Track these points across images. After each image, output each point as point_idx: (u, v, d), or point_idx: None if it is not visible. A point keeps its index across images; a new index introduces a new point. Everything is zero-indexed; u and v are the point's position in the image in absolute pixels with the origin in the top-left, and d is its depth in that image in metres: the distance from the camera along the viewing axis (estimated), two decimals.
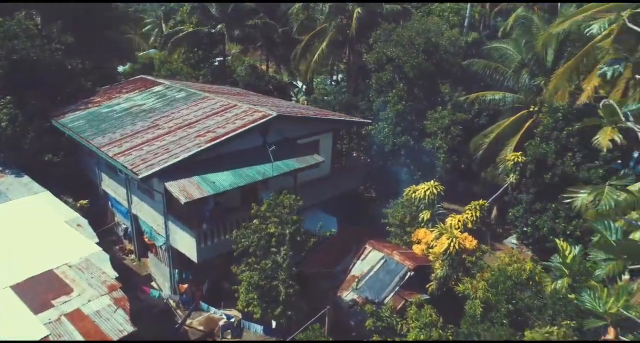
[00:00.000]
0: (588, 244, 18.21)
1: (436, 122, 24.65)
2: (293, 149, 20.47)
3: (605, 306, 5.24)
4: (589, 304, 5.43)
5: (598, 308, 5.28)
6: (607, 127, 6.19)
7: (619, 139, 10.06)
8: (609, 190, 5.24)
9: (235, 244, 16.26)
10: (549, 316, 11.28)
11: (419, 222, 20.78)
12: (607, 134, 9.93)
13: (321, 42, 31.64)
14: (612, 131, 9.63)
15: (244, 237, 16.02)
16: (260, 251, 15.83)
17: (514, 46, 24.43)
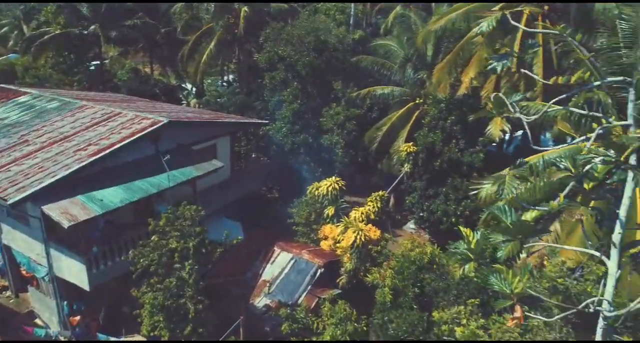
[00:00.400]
0: (476, 222, 19.94)
1: (332, 119, 25.12)
2: (189, 156, 19.39)
3: (511, 286, 5.54)
4: (497, 286, 5.73)
5: (505, 289, 5.58)
6: (497, 118, 6.67)
7: (507, 128, 11.09)
8: (510, 180, 5.61)
9: (134, 265, 14.93)
10: (453, 296, 12.08)
11: (324, 219, 21.01)
12: (497, 124, 10.83)
13: (209, 42, 30.46)
14: (502, 122, 10.51)
15: (142, 256, 14.77)
16: (163, 269, 14.72)
17: (397, 43, 25.79)
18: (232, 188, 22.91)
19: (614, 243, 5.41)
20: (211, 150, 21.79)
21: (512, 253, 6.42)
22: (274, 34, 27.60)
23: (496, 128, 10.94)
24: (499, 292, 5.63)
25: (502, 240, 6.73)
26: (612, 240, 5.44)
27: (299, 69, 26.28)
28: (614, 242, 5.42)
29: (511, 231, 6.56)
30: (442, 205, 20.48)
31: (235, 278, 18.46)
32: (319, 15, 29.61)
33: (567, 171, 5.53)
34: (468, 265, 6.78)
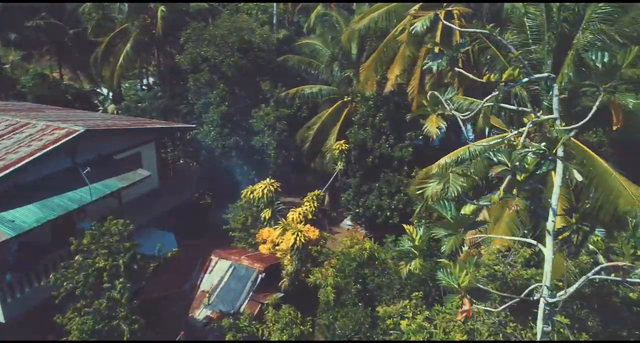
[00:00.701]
0: (410, 215, 20.63)
1: (262, 120, 24.74)
2: (112, 166, 18.12)
3: (458, 280, 5.68)
4: (445, 281, 5.85)
5: (453, 283, 5.71)
6: (432, 115, 6.83)
7: (444, 125, 11.46)
8: (454, 178, 5.74)
9: (56, 289, 13.65)
10: (396, 290, 12.35)
11: (261, 222, 20.65)
12: (433, 122, 11.14)
13: (125, 43, 28.72)
14: (437, 119, 10.80)
15: (65, 279, 13.54)
16: (90, 290, 13.61)
17: (321, 42, 25.96)
18: (161, 197, 21.81)
19: (549, 231, 5.73)
20: (136, 159, 20.57)
21: (454, 247, 6.61)
22: (195, 35, 26.62)
23: (432, 125, 11.31)
24: (440, 284, 5.77)
25: (444, 234, 6.92)
26: (547, 228, 5.76)
27: (225, 70, 25.59)
28: (548, 230, 5.74)
29: (452, 225, 6.76)
30: (376, 200, 20.94)
31: (172, 291, 17.60)
32: (241, 15, 29.03)
33: (502, 164, 5.76)
34: (414, 262, 6.88)
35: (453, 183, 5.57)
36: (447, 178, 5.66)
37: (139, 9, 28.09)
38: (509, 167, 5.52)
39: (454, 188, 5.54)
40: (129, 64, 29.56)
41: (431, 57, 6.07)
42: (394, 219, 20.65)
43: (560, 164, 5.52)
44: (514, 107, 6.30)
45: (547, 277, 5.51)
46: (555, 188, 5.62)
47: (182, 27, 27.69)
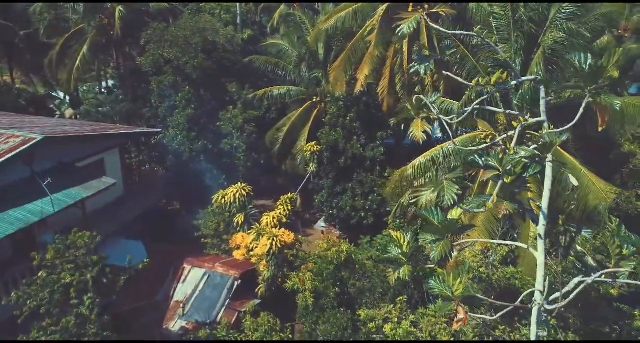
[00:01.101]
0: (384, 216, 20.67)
1: (230, 122, 24.21)
2: (74, 175, 17.24)
3: (452, 289, 5.60)
4: (438, 290, 5.75)
5: (447, 292, 5.62)
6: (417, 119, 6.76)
7: (429, 129, 11.38)
8: (448, 185, 5.62)
9: (19, 308, 12.82)
10: (379, 294, 12.29)
11: (234, 227, 20.19)
12: (418, 126, 11.02)
13: (81, 45, 27.43)
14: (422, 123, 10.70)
15: (29, 297, 12.75)
16: (57, 308, 12.86)
17: (288, 42, 25.67)
18: (128, 205, 21.01)
19: (540, 235, 5.73)
20: (99, 166, 19.69)
21: (444, 253, 6.55)
22: (157, 36, 25.77)
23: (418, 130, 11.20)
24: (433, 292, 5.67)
25: (432, 239, 6.84)
26: (538, 232, 5.75)
27: (189, 72, 24.90)
28: (539, 233, 5.74)
29: (440, 230, 6.68)
30: (350, 201, 20.87)
31: (144, 304, 16.93)
32: (204, 15, 28.29)
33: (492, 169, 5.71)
34: (402, 270, 6.76)
35: (448, 192, 5.45)
36: (442, 187, 5.52)
37: (95, 9, 26.89)
38: (500, 172, 5.46)
39: (450, 196, 5.42)
40: (86, 67, 28.29)
41: (418, 60, 5.94)
42: (368, 220, 20.66)
43: (549, 167, 5.51)
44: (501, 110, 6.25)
45: (540, 282, 5.50)
46: (545, 192, 5.62)
47: (142, 27, 26.73)
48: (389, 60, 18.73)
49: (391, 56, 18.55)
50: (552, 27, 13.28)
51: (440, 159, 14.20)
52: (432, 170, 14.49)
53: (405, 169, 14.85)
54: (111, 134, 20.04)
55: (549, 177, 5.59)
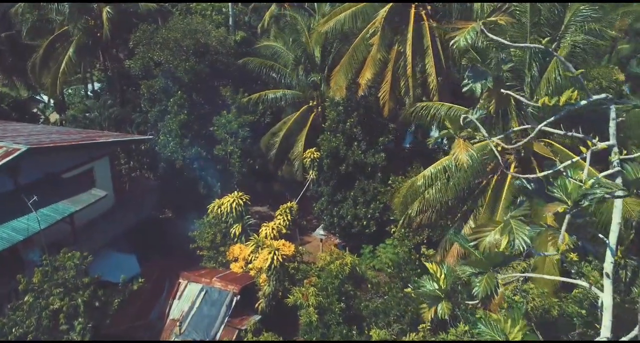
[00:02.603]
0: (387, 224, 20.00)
1: (224, 128, 23.31)
2: (61, 187, 16.24)
3: (507, 335, 4.90)
4: (489, 336, 5.05)
5: (500, 338, 4.91)
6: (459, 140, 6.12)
7: (474, 152, 10.57)
8: (516, 225, 4.92)
9: (4, 336, 11.85)
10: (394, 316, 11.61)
11: (231, 238, 19.36)
12: (461, 148, 10.18)
13: (66, 47, 26.26)
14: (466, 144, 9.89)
15: (15, 324, 11.78)
16: (45, 335, 11.92)
17: (282, 44, 24.85)
18: (118, 216, 20.02)
19: (607, 274, 5.05)
20: (88, 176, 18.71)
21: (489, 289, 5.85)
22: (146, 38, 24.74)
23: (461, 152, 10.33)
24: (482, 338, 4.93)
25: (472, 272, 6.15)
26: (605, 271, 5.07)
27: (180, 76, 23.92)
28: (606, 272, 5.06)
29: (482, 263, 5.99)
30: (351, 209, 20.16)
31: (138, 323, 16.02)
32: (195, 16, 27.30)
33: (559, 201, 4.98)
34: (441, 307, 6.04)
35: (518, 234, 4.70)
36: (510, 228, 4.79)
37: (81, 10, 25.75)
38: (568, 205, 4.75)
39: (521, 240, 4.66)
40: (71, 70, 27.08)
41: (472, 77, 5.22)
42: (370, 228, 19.98)
43: (619, 200, 4.83)
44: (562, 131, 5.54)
45: (608, 327, 4.82)
46: (614, 226, 4.93)
47: (131, 29, 25.68)
48: (391, 64, 18.07)
49: (393, 59, 17.88)
50: (570, 30, 12.69)
51: (453, 169, 13.55)
52: (444, 180, 13.84)
53: (415, 180, 14.19)
54: (100, 142, 18.99)
55: (618, 209, 4.91)
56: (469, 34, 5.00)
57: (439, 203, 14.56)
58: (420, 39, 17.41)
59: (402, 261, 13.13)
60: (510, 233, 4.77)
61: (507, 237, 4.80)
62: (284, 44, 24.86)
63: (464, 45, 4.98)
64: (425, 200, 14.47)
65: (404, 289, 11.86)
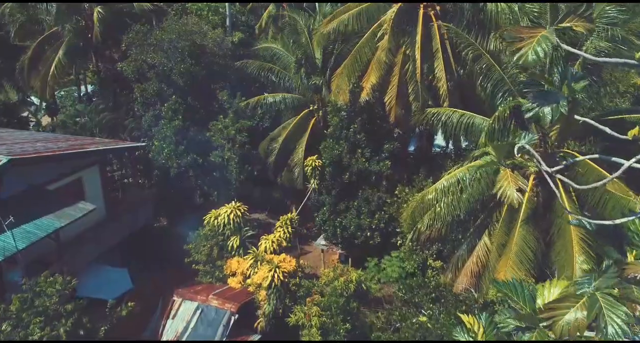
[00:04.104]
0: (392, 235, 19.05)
1: (221, 133, 22.31)
2: (46, 200, 15.19)
3: None
4: None
5: None
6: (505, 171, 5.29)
7: (525, 185, 9.48)
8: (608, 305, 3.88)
9: None
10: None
11: (229, 252, 18.36)
12: (509, 182, 9.02)
13: (56, 49, 25.19)
14: (515, 177, 8.80)
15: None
16: None
17: (282, 46, 23.86)
18: (110, 228, 18.99)
19: None
20: (77, 187, 17.66)
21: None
22: (139, 39, 23.69)
23: (509, 185, 9.05)
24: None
25: (517, 326, 5.16)
26: None
27: (175, 79, 22.91)
28: None
29: (529, 317, 4.99)
30: (355, 220, 19.18)
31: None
32: (191, 17, 26.25)
33: None
34: None
35: (612, 319, 3.61)
36: (595, 303, 3.76)
37: (71, 10, 24.68)
38: None
39: (616, 327, 3.56)
40: (62, 73, 26.01)
41: (538, 99, 4.23)
42: (374, 239, 19.01)
43: None
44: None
45: None
46: None
47: (124, 30, 24.64)
48: (397, 67, 17.09)
49: (400, 62, 16.90)
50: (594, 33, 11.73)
51: (467, 181, 12.59)
52: (457, 193, 12.87)
53: (425, 193, 13.24)
54: (90, 151, 17.92)
55: None
56: (540, 46, 3.97)
57: (450, 216, 13.60)
58: (429, 42, 16.44)
59: (414, 284, 12.22)
60: (596, 310, 3.73)
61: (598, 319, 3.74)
62: (283, 45, 23.87)
63: (534, 60, 3.95)
64: (436, 214, 13.52)
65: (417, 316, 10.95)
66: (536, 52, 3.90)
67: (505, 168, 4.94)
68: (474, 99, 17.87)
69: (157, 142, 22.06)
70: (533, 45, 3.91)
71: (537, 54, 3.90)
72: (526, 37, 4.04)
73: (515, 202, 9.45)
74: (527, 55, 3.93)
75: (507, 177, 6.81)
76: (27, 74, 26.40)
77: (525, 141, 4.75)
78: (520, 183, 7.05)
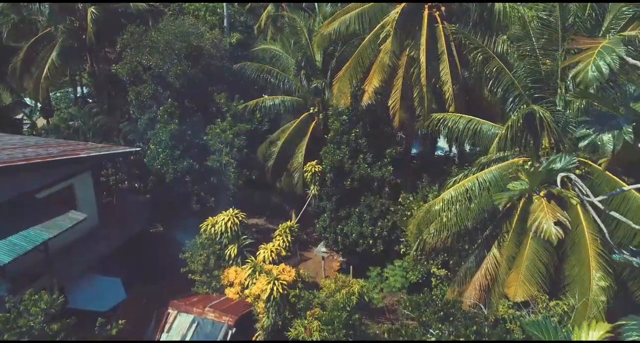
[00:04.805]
0: (395, 243, 18.44)
1: (218, 137, 21.66)
2: (35, 210, 14.55)
3: None
4: None
5: None
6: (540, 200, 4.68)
7: (565, 218, 8.64)
8: None
9: None
10: None
11: (226, 261, 17.72)
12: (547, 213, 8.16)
13: (49, 51, 24.54)
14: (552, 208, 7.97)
15: None
16: None
17: (281, 47, 23.20)
18: (103, 236, 18.37)
19: None
20: (68, 194, 17.06)
21: None
22: (134, 40, 23.05)
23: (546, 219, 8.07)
24: None
25: None
26: None
27: (171, 81, 22.28)
28: None
29: None
30: (356, 227, 18.55)
31: None
32: (187, 17, 25.61)
33: None
34: None
35: None
36: None
37: (64, 10, 24.03)
38: None
39: None
40: (55, 75, 25.35)
41: (595, 124, 3.55)
42: (377, 248, 18.38)
43: None
44: None
45: None
46: None
47: (119, 30, 24.00)
48: (401, 70, 16.44)
49: (404, 65, 16.26)
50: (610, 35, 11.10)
51: (476, 191, 11.97)
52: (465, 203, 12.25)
53: (432, 204, 12.62)
54: (82, 157, 17.25)
55: None
56: (603, 59, 3.26)
57: (457, 226, 12.96)
58: (434, 44, 15.80)
59: (421, 301, 11.60)
60: None
61: None
62: (283, 46, 23.20)
63: (595, 77, 3.24)
64: (442, 224, 12.89)
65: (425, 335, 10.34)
66: (598, 68, 3.18)
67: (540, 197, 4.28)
68: (479, 103, 17.26)
69: (153, 146, 21.43)
70: (593, 58, 3.19)
71: (599, 69, 3.18)
72: (585, 48, 3.35)
73: (554, 238, 8.66)
74: (587, 71, 3.21)
75: (543, 208, 6.05)
76: (19, 75, 25.75)
77: (562, 165, 4.11)
78: (559, 215, 6.25)
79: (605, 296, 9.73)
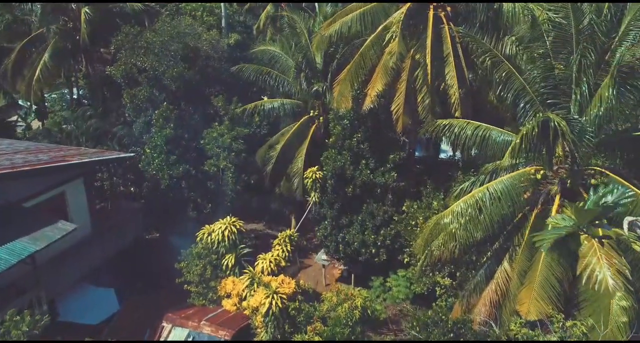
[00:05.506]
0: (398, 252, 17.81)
1: (215, 142, 21.04)
2: (22, 220, 13.90)
3: None
4: None
5: None
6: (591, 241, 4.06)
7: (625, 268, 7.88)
8: None
9: None
10: None
11: (223, 271, 17.10)
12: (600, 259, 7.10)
13: (41, 52, 23.87)
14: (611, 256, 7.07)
15: None
16: None
17: (281, 48, 22.53)
18: (97, 244, 17.72)
19: None
20: (58, 203, 16.39)
21: None
22: (129, 41, 22.41)
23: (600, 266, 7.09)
24: None
25: None
26: None
27: (167, 83, 21.65)
28: None
29: None
30: (359, 235, 17.92)
31: None
32: (184, 18, 24.96)
33: None
34: None
35: None
36: None
37: (57, 10, 23.36)
38: None
39: None
40: (48, 77, 24.65)
41: None
42: (380, 257, 17.75)
43: None
44: None
45: None
46: None
47: (114, 31, 23.35)
48: (405, 73, 15.80)
49: (408, 68, 15.62)
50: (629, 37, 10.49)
51: (487, 202, 11.35)
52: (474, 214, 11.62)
53: (441, 216, 11.98)
54: (74, 163, 16.57)
55: None
56: None
57: (465, 238, 12.32)
58: (439, 46, 15.17)
59: (429, 321, 10.97)
60: None
61: None
62: (282, 48, 22.53)
63: None
64: (451, 235, 12.26)
65: None
66: None
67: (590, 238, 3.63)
68: (486, 107, 16.65)
69: (148, 151, 20.79)
70: None
71: None
72: None
73: (611, 290, 7.69)
74: None
75: (595, 252, 5.22)
76: (11, 77, 25.08)
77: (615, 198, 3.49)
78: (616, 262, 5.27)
79: (627, 317, 9.10)
